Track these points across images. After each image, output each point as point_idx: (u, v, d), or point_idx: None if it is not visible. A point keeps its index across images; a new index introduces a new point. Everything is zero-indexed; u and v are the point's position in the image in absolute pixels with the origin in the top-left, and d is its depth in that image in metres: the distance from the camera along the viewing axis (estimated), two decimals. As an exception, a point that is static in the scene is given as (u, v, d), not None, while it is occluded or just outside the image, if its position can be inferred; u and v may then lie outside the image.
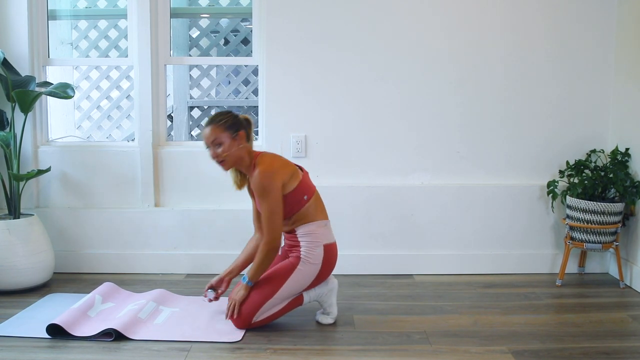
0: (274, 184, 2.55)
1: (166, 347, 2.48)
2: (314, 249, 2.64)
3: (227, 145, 2.58)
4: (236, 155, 2.60)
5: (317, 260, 2.64)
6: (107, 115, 5.42)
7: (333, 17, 3.47)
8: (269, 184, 2.54)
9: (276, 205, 2.55)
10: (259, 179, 2.54)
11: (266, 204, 2.55)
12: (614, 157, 3.38)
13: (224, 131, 2.58)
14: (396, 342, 2.54)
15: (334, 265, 2.73)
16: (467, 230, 3.57)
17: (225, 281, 2.81)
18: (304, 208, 2.65)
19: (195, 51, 5.56)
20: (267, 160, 2.61)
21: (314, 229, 2.66)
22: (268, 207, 2.55)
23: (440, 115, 3.55)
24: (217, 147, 2.58)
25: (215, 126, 2.59)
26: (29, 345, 2.48)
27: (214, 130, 2.58)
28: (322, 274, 2.68)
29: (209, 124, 2.60)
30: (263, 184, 2.54)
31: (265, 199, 2.54)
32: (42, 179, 3.58)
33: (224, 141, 2.58)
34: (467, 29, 3.50)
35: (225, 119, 2.61)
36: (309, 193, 2.68)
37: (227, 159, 2.59)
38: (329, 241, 2.69)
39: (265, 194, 2.54)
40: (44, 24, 3.56)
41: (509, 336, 2.61)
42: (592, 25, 3.51)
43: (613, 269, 3.55)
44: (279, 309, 2.66)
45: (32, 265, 3.15)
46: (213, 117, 2.63)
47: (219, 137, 2.57)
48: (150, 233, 3.56)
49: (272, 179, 2.55)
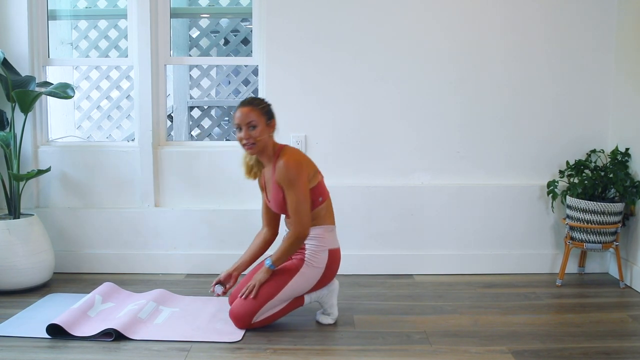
0: (302, 174, 2.56)
1: (166, 347, 2.48)
2: (319, 253, 2.65)
3: (260, 130, 2.58)
4: (265, 141, 2.62)
5: (321, 264, 2.65)
6: (107, 115, 5.42)
7: (333, 17, 3.47)
8: (297, 173, 2.55)
9: (304, 195, 2.56)
10: (287, 168, 2.55)
11: (294, 193, 2.55)
12: (614, 157, 3.38)
13: (261, 115, 2.59)
14: (396, 342, 2.54)
15: (336, 270, 2.73)
16: (467, 230, 3.57)
17: (233, 276, 2.80)
18: (317, 209, 2.66)
19: (195, 51, 5.56)
20: (293, 152, 2.63)
21: (321, 233, 2.66)
22: (296, 196, 2.55)
23: (440, 115, 3.55)
24: (252, 129, 2.58)
25: (253, 108, 2.59)
26: (29, 345, 2.48)
27: (252, 112, 2.58)
28: (325, 278, 2.68)
29: (247, 105, 2.60)
30: (292, 173, 2.55)
31: (293, 188, 2.55)
32: (42, 179, 3.58)
33: (259, 125, 2.58)
34: (467, 29, 3.50)
35: (263, 105, 2.63)
36: (324, 196, 2.69)
37: (258, 144, 2.60)
38: (333, 246, 2.70)
39: (293, 182, 2.55)
40: (44, 24, 3.56)
41: (509, 336, 2.61)
42: (592, 25, 3.51)
43: (613, 269, 3.55)
44: (280, 309, 2.66)
45: (32, 265, 3.15)
46: (251, 100, 2.64)
47: (256, 120, 2.58)
48: (150, 233, 3.56)
49: (300, 169, 2.56)
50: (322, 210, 2.67)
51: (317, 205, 2.65)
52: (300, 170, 2.57)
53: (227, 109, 5.88)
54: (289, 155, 2.60)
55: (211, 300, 3.03)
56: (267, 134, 2.61)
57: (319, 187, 2.67)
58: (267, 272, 2.63)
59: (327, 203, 2.71)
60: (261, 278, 2.62)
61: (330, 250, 2.67)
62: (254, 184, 3.54)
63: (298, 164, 2.58)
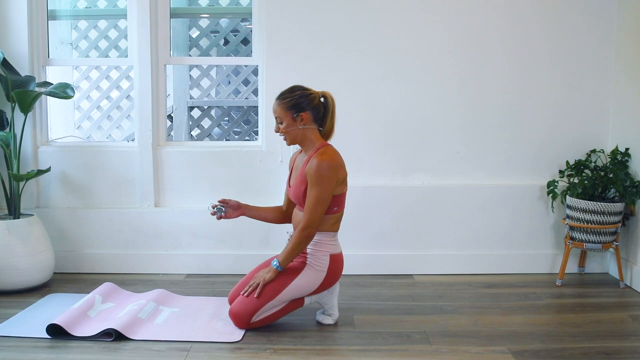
0: (332, 177, 2.57)
1: (166, 347, 2.48)
2: (320, 257, 2.65)
3: (286, 124, 2.63)
4: (296, 134, 2.65)
5: (323, 268, 2.65)
6: (107, 115, 5.42)
7: (333, 17, 3.47)
8: (328, 174, 2.56)
9: (326, 196, 2.57)
10: (321, 167, 2.55)
11: (317, 191, 2.55)
12: (614, 157, 3.38)
13: (285, 110, 2.62)
14: (396, 342, 2.54)
15: (339, 275, 2.73)
16: (467, 230, 3.57)
17: (239, 208, 2.82)
18: (328, 216, 2.65)
19: (195, 51, 5.56)
20: (332, 153, 2.63)
21: (322, 239, 2.66)
22: (318, 195, 2.55)
23: (440, 115, 3.55)
24: (280, 123, 2.65)
25: (279, 103, 2.64)
26: (29, 345, 2.48)
27: (278, 107, 2.64)
28: (327, 282, 2.68)
29: (276, 99, 2.65)
30: (322, 172, 2.55)
31: (318, 186, 2.55)
32: (42, 179, 3.58)
33: (285, 120, 2.62)
34: (468, 29, 3.50)
35: (290, 98, 2.63)
36: (340, 207, 2.70)
37: (287, 136, 2.65)
38: (335, 251, 2.70)
39: (321, 181, 2.55)
40: (44, 24, 3.56)
41: (509, 336, 2.61)
42: (592, 25, 3.51)
43: (613, 269, 3.55)
44: (279, 309, 2.66)
45: (32, 265, 3.15)
46: (281, 93, 2.67)
47: (281, 114, 2.62)
48: (150, 233, 3.56)
49: (332, 172, 2.57)
50: (331, 218, 2.67)
51: (331, 213, 2.65)
52: (331, 173, 2.56)
53: (227, 109, 5.88)
54: (327, 155, 2.60)
55: (211, 300, 3.04)
56: (295, 127, 2.63)
57: (341, 197, 2.68)
58: (273, 272, 2.62)
59: (339, 214, 2.71)
60: (266, 277, 2.61)
61: (332, 255, 2.68)
62: (252, 184, 3.55)
63: (332, 166, 2.57)
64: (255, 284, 2.61)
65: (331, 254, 2.67)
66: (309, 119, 2.64)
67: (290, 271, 2.64)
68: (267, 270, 2.65)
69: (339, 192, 2.64)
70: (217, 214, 2.78)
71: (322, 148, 2.64)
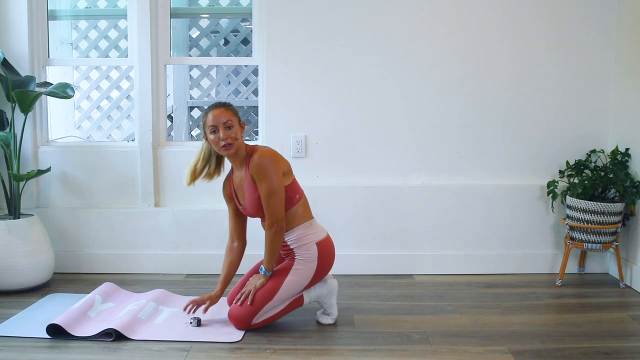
0: (276, 166, 2.56)
1: (166, 347, 2.48)
2: (307, 249, 2.65)
3: (236, 130, 2.60)
4: (240, 142, 2.63)
5: (312, 258, 2.64)
6: (107, 115, 5.42)
7: (333, 18, 3.47)
8: (271, 165, 2.55)
9: (276, 187, 2.55)
10: (261, 160, 2.54)
11: (266, 184, 2.54)
12: (614, 157, 3.38)
13: (234, 115, 2.61)
14: (396, 342, 2.54)
15: (332, 259, 2.71)
16: (467, 230, 3.57)
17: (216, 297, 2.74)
18: (294, 208, 2.65)
19: (195, 51, 5.56)
20: (267, 148, 2.64)
21: (302, 233, 2.66)
22: (269, 187, 2.54)
23: (440, 115, 3.55)
24: (229, 128, 2.58)
25: (227, 109, 2.61)
26: (29, 345, 2.48)
27: (227, 113, 2.59)
28: (321, 270, 2.67)
29: (220, 107, 2.61)
30: (265, 165, 2.54)
31: (266, 179, 2.54)
32: (42, 179, 3.58)
33: (235, 125, 2.60)
34: (468, 29, 3.50)
35: (234, 107, 2.65)
36: (300, 193, 2.70)
37: (235, 143, 2.60)
38: (320, 238, 2.69)
39: (266, 174, 2.54)
40: (44, 24, 3.56)
41: (509, 336, 2.61)
42: (592, 25, 3.51)
43: (613, 269, 3.55)
44: (280, 310, 2.66)
45: (32, 265, 3.15)
46: (222, 102, 2.65)
47: (231, 119, 2.59)
48: (150, 233, 3.56)
49: (273, 162, 2.56)
50: (299, 208, 2.66)
51: (295, 202, 2.65)
52: (275, 163, 2.56)
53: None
54: (263, 150, 2.61)
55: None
56: (240, 135, 2.63)
57: (295, 184, 2.68)
58: (263, 278, 2.63)
59: (303, 200, 2.71)
60: (257, 284, 2.62)
61: (318, 242, 2.66)
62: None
63: (271, 157, 2.57)
64: (247, 292, 2.62)
65: (317, 242, 2.66)
66: (245, 128, 2.68)
67: (282, 270, 2.64)
68: (257, 277, 2.65)
69: (290, 180, 2.64)
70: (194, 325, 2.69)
71: (255, 149, 2.63)
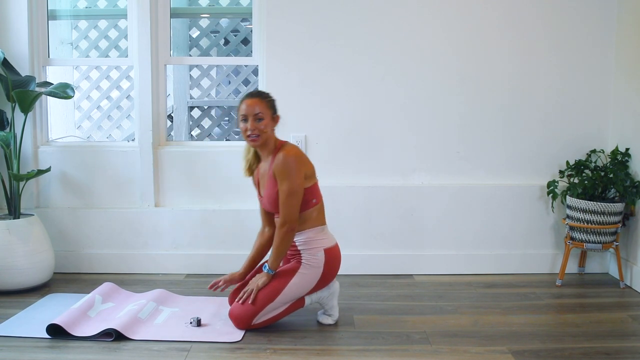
0: (300, 169, 2.57)
1: (166, 347, 2.48)
2: (314, 254, 2.64)
3: (266, 122, 2.60)
4: (269, 135, 2.63)
5: (319, 264, 2.64)
6: (107, 115, 5.42)
7: (333, 18, 3.47)
8: (294, 166, 2.56)
9: (296, 187, 2.56)
10: (286, 160, 2.56)
11: (287, 184, 2.55)
12: (614, 157, 3.38)
13: (267, 108, 2.62)
14: (396, 342, 2.54)
15: (337, 268, 2.72)
16: (467, 230, 3.57)
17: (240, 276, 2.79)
18: (309, 211, 2.65)
19: (195, 51, 5.56)
20: (294, 148, 2.65)
21: (312, 236, 2.66)
22: (289, 187, 2.55)
23: (440, 115, 3.55)
24: (258, 120, 2.59)
25: (261, 100, 2.62)
26: (29, 345, 2.48)
27: (259, 104, 2.60)
28: (326, 277, 2.67)
29: (254, 97, 2.63)
30: (289, 165, 2.55)
31: (287, 179, 2.55)
32: (42, 179, 3.58)
33: (265, 118, 2.60)
34: (468, 28, 3.50)
35: (270, 98, 2.66)
36: (318, 198, 2.70)
37: (262, 135, 2.60)
38: (329, 245, 2.69)
39: (289, 174, 2.55)
40: (44, 24, 3.56)
41: (509, 336, 2.61)
42: (592, 26, 3.51)
43: (613, 269, 3.55)
44: (281, 311, 2.66)
45: (32, 265, 3.15)
46: (258, 92, 2.67)
47: (263, 112, 2.60)
48: (150, 233, 3.56)
49: (298, 163, 2.57)
50: (313, 212, 2.67)
51: (311, 206, 2.65)
52: (298, 165, 2.57)
53: (227, 109, 5.88)
54: (290, 149, 2.62)
55: (211, 300, 3.03)
56: (271, 128, 2.63)
57: (315, 188, 2.68)
58: (266, 277, 2.62)
59: (319, 205, 2.71)
60: (260, 283, 2.61)
61: (326, 249, 2.67)
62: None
63: (298, 158, 2.59)
64: (249, 290, 2.62)
65: (325, 249, 2.66)
66: (278, 121, 2.68)
67: (286, 272, 2.63)
68: (260, 275, 2.65)
69: (311, 183, 2.65)
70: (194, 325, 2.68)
71: (283, 146, 2.65)
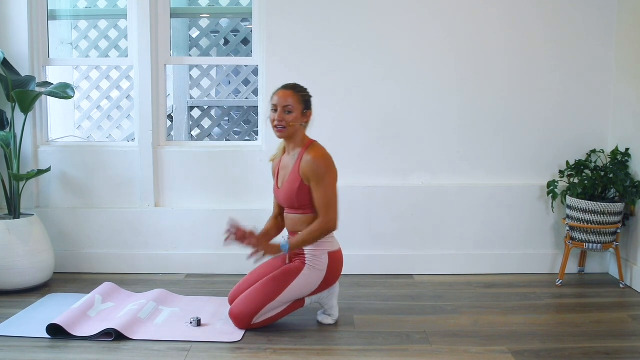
0: (332, 171, 2.61)
1: (166, 347, 2.48)
2: (318, 256, 2.65)
3: (295, 116, 2.61)
4: (296, 129, 2.64)
5: (322, 267, 2.64)
6: (107, 115, 5.42)
7: (333, 18, 3.47)
8: (328, 169, 2.60)
9: (334, 189, 2.60)
10: (318, 164, 2.57)
11: (324, 188, 2.57)
12: (614, 157, 3.38)
13: (299, 102, 2.62)
14: (396, 342, 2.54)
15: (339, 272, 2.73)
16: (467, 230, 3.57)
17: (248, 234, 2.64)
18: None
19: (195, 51, 5.56)
20: (323, 149, 2.66)
21: None
22: (325, 191, 2.57)
23: (440, 115, 3.55)
24: (287, 112, 2.60)
25: (294, 93, 2.63)
26: (29, 345, 2.48)
27: (292, 97, 2.61)
28: (328, 281, 2.68)
29: (289, 89, 2.64)
30: (322, 169, 2.58)
31: (323, 183, 2.57)
32: (42, 179, 3.58)
33: (295, 111, 2.61)
34: (468, 29, 3.50)
35: (305, 94, 2.67)
36: None
37: (289, 129, 2.61)
38: (333, 248, 2.70)
39: (324, 177, 2.57)
40: (44, 24, 3.56)
41: (509, 336, 2.61)
42: (592, 26, 3.51)
43: (613, 269, 3.55)
44: (280, 310, 2.66)
45: (32, 265, 3.15)
46: (294, 85, 2.67)
47: (294, 105, 2.61)
48: (150, 233, 3.56)
49: (329, 165, 2.61)
50: None
51: None
52: (330, 167, 2.61)
53: (227, 109, 5.88)
54: (319, 151, 2.63)
55: (211, 300, 3.04)
56: (300, 122, 2.64)
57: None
58: (276, 250, 2.59)
59: None
60: (267, 249, 2.57)
61: (330, 252, 2.67)
62: (253, 184, 3.55)
63: (330, 161, 2.62)
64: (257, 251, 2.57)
65: (329, 252, 2.67)
66: (309, 117, 2.68)
67: (289, 272, 2.63)
68: (272, 245, 2.60)
69: None
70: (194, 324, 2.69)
71: (312, 145, 2.65)
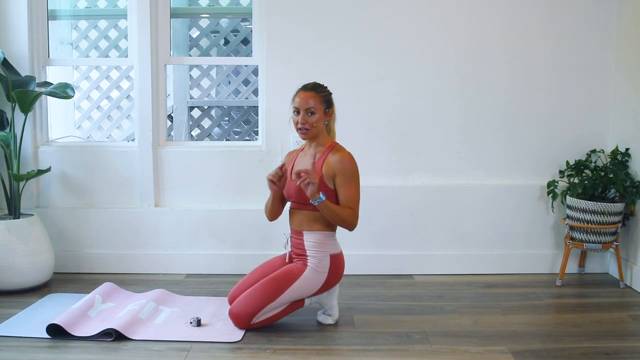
0: (358, 171, 2.64)
1: (166, 347, 2.48)
2: (321, 259, 2.65)
3: (318, 117, 2.62)
4: (320, 128, 2.65)
5: (324, 269, 2.65)
6: (107, 115, 5.42)
7: (333, 18, 3.47)
8: (357, 169, 2.64)
9: (358, 190, 2.64)
10: (350, 163, 2.62)
11: (354, 186, 2.62)
12: (614, 157, 3.38)
13: (321, 102, 2.63)
14: (396, 342, 2.54)
15: (340, 274, 2.73)
16: (467, 230, 3.57)
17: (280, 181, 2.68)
18: None
19: (195, 51, 5.56)
20: (348, 152, 2.67)
21: (321, 239, 2.66)
22: (357, 188, 2.63)
23: (440, 115, 3.55)
24: (310, 114, 2.61)
25: (316, 94, 2.63)
26: (29, 345, 2.48)
27: (313, 98, 2.62)
28: (328, 283, 2.68)
29: (309, 90, 2.64)
30: (354, 167, 2.63)
31: (353, 181, 2.61)
32: (42, 179, 3.58)
33: (317, 112, 2.62)
34: (468, 29, 3.50)
35: (325, 93, 2.67)
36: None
37: (312, 130, 2.62)
38: (335, 251, 2.70)
39: (354, 176, 2.62)
40: (44, 24, 3.56)
41: (509, 336, 2.61)
42: (592, 26, 3.51)
43: (613, 269, 3.55)
44: (280, 310, 2.66)
45: (32, 265, 3.15)
46: (314, 85, 2.67)
47: (316, 107, 2.61)
48: (150, 233, 3.56)
49: (356, 166, 2.64)
50: None
51: None
52: (357, 168, 2.64)
53: (227, 109, 5.88)
54: (346, 152, 2.66)
55: (211, 300, 3.04)
56: (323, 122, 2.65)
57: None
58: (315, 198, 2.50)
59: None
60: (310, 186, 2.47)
61: (332, 255, 2.67)
62: (253, 184, 3.55)
63: (355, 161, 2.65)
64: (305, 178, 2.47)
65: (331, 254, 2.67)
66: (331, 115, 2.69)
67: (291, 273, 2.64)
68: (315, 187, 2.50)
69: None
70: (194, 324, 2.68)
71: (335, 146, 2.68)
